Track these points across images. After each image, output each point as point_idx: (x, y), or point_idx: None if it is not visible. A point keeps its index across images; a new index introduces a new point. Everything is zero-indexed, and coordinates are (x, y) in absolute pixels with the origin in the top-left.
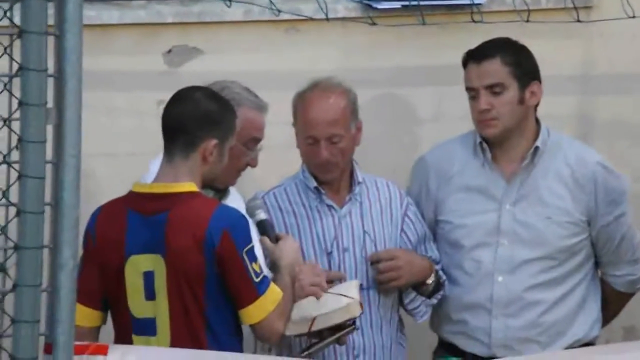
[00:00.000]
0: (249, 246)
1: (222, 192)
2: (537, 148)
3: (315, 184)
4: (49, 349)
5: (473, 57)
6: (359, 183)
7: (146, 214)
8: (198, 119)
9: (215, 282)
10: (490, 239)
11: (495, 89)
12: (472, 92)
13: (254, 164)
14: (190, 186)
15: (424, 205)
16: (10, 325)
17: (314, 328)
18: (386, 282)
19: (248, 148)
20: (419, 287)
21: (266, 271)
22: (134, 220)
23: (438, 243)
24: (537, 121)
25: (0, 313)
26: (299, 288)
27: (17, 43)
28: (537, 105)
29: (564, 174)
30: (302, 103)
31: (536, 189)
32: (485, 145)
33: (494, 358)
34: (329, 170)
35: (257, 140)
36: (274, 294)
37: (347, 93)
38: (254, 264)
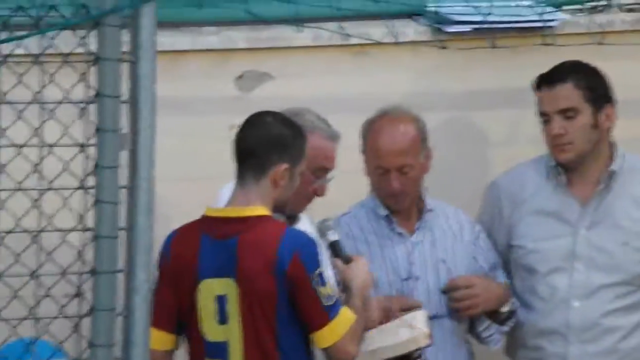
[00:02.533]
0: (319, 270)
1: (293, 218)
2: (612, 172)
3: (386, 212)
4: None
5: (545, 81)
6: (429, 210)
7: (218, 237)
8: (269, 143)
9: (286, 305)
10: (565, 264)
11: (568, 114)
12: (545, 117)
13: (321, 193)
14: (262, 210)
15: (496, 230)
16: (87, 348)
17: (382, 358)
18: (463, 311)
19: (316, 176)
20: (492, 314)
21: (337, 293)
22: (206, 243)
23: (512, 268)
24: (613, 144)
25: (78, 337)
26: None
27: (93, 70)
28: (611, 129)
29: None
30: (371, 132)
31: (612, 213)
32: (560, 168)
33: None
34: (400, 200)
35: (326, 169)
36: (345, 317)
37: (416, 121)
38: (323, 288)
